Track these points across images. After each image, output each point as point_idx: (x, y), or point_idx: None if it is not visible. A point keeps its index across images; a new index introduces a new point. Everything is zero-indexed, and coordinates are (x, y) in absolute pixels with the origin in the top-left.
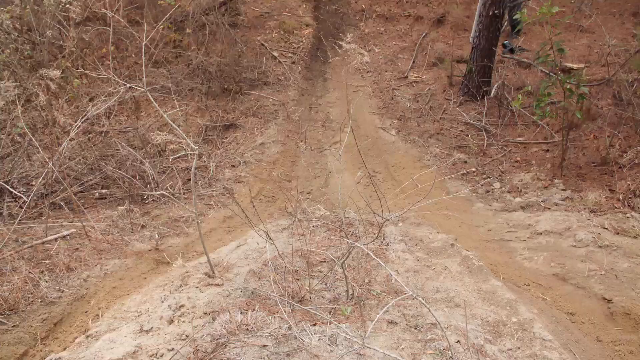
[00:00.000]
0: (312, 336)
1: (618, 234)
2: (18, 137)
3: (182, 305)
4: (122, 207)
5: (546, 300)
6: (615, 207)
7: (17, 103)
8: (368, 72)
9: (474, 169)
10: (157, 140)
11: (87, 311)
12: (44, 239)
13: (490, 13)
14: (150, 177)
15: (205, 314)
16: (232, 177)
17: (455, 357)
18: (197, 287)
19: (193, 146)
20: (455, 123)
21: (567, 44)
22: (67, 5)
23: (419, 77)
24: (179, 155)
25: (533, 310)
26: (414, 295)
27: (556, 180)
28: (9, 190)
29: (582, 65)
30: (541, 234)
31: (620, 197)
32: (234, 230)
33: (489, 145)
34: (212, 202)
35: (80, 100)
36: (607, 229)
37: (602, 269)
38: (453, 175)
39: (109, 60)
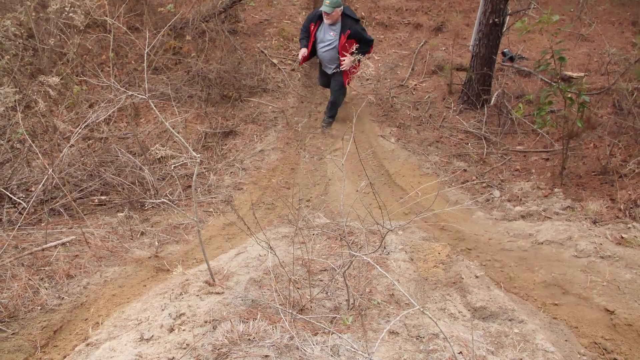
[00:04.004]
0: (314, 346)
1: (620, 244)
2: (18, 144)
3: (183, 314)
4: (121, 214)
5: (548, 310)
6: (617, 217)
7: (17, 109)
8: (367, 79)
9: (473, 178)
10: (157, 156)
11: (86, 319)
12: (44, 246)
13: (490, 21)
14: (149, 184)
15: (205, 322)
16: (232, 184)
17: None
18: (198, 295)
19: (194, 154)
20: (455, 131)
21: (567, 53)
22: (71, 14)
23: (418, 85)
24: (179, 162)
25: (535, 321)
26: (422, 309)
27: (556, 189)
28: (9, 196)
29: (582, 74)
30: (542, 243)
31: (622, 207)
32: (234, 237)
33: (489, 154)
34: (211, 209)
35: (80, 106)
36: (608, 239)
37: (604, 279)
38: (453, 184)
39: (109, 67)
